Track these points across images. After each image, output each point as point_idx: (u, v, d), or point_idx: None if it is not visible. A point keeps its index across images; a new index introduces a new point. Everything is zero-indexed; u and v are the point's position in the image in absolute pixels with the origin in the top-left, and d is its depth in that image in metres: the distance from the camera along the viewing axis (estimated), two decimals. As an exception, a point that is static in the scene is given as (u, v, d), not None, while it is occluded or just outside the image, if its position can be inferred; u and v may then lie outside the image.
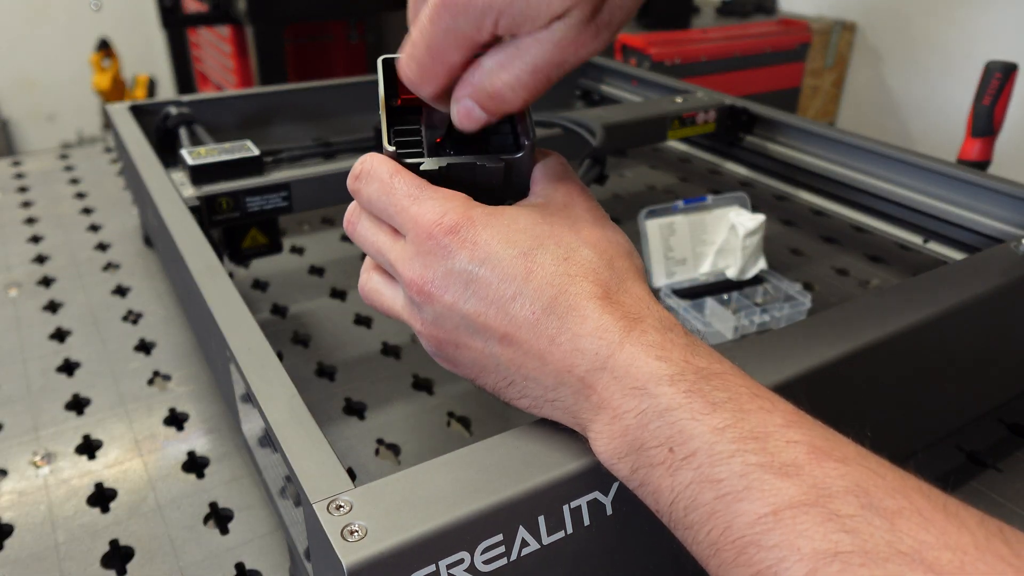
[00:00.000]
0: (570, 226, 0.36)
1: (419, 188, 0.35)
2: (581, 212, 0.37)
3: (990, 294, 0.49)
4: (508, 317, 0.33)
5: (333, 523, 0.30)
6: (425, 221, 0.34)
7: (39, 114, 3.22)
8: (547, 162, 0.39)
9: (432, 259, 0.34)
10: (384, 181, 0.36)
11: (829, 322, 0.45)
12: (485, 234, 0.34)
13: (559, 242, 0.34)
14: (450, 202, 0.35)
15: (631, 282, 0.35)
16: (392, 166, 0.36)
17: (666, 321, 0.33)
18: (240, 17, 1.97)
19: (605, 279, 0.34)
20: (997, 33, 1.88)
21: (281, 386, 0.40)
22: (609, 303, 0.33)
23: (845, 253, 0.84)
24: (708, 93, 0.94)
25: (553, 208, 0.37)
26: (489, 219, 0.34)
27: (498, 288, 0.33)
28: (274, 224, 0.70)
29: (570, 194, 0.38)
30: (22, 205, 0.96)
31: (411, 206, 0.35)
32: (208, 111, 0.88)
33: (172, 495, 0.52)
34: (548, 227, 0.35)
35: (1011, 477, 0.53)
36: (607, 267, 0.34)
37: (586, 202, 0.38)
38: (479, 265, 0.33)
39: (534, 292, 0.33)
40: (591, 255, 0.34)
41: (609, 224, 0.38)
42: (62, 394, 0.62)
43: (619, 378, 0.31)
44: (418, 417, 0.59)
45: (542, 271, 0.33)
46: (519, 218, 0.35)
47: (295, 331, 0.70)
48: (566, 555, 0.35)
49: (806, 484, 0.27)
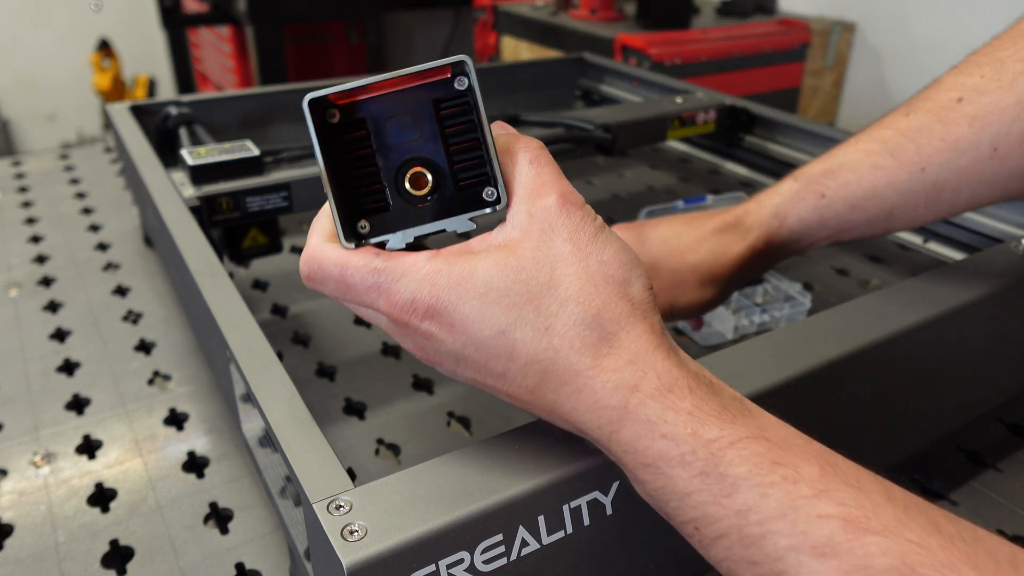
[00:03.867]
0: (549, 276, 0.31)
1: (376, 275, 0.32)
2: (562, 245, 0.32)
3: (990, 294, 0.49)
4: (506, 385, 0.32)
5: (333, 523, 0.30)
6: (397, 311, 0.32)
7: (39, 114, 3.22)
8: (520, 168, 0.33)
9: (418, 339, 0.33)
10: (338, 280, 0.33)
11: (829, 322, 0.45)
12: (459, 313, 0.31)
13: (538, 308, 0.31)
14: (413, 282, 0.31)
15: (625, 330, 0.31)
16: (338, 261, 0.33)
17: (666, 377, 0.30)
18: (240, 17, 1.98)
19: (593, 342, 0.31)
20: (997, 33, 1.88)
21: (281, 386, 0.40)
22: (600, 371, 0.30)
23: (845, 253, 0.84)
24: (708, 93, 0.94)
25: (528, 247, 0.32)
26: (459, 292, 0.31)
27: (487, 365, 0.32)
28: (274, 224, 0.70)
29: (548, 217, 0.32)
30: (22, 205, 0.96)
31: (377, 299, 0.32)
32: (208, 111, 0.88)
33: (172, 495, 0.52)
34: (524, 287, 0.31)
35: (1011, 477, 0.53)
36: (593, 324, 0.31)
37: (567, 223, 0.32)
38: (463, 347, 0.32)
39: (522, 370, 0.31)
40: (574, 315, 0.31)
41: (597, 244, 0.32)
42: (62, 394, 0.62)
43: (628, 452, 0.30)
44: (418, 417, 0.59)
45: (524, 349, 0.31)
46: (492, 282, 0.31)
47: (295, 331, 0.70)
48: (566, 555, 0.35)
49: (846, 565, 0.26)
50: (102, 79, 2.81)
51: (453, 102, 0.33)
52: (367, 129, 0.33)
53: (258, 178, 0.68)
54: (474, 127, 0.33)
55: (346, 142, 0.33)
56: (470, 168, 0.33)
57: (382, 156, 0.33)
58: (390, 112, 0.33)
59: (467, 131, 0.33)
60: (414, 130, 0.33)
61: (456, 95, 0.33)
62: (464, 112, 0.33)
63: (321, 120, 0.32)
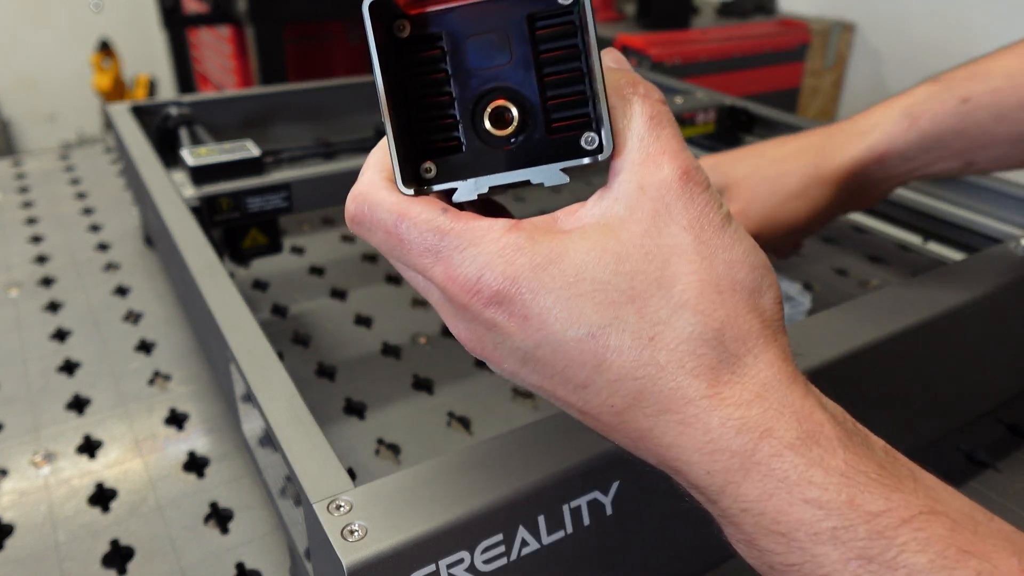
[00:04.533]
0: (660, 272, 0.25)
1: (438, 236, 0.26)
2: (680, 234, 0.25)
3: (989, 294, 0.49)
4: (584, 401, 0.26)
5: (333, 523, 0.30)
6: (456, 287, 0.25)
7: (39, 114, 3.22)
8: (634, 123, 0.26)
9: (476, 327, 0.26)
10: (390, 232, 0.27)
11: (829, 322, 0.45)
12: (538, 304, 0.25)
13: (642, 311, 0.24)
14: (483, 255, 0.25)
15: (754, 354, 0.25)
16: (394, 208, 0.27)
17: (808, 422, 0.24)
18: (240, 17, 1.98)
19: (711, 363, 0.24)
20: (997, 33, 1.88)
21: (281, 386, 0.40)
22: (719, 403, 0.24)
23: (845, 253, 0.84)
24: (708, 93, 0.94)
25: (636, 231, 0.25)
26: (541, 278, 0.25)
27: (564, 372, 0.25)
28: (274, 224, 0.70)
29: (664, 195, 0.25)
30: (22, 205, 0.96)
31: (433, 266, 0.26)
32: (208, 111, 0.88)
33: (172, 495, 0.52)
34: (627, 282, 0.24)
35: (1011, 477, 0.53)
36: (714, 342, 0.24)
37: (690, 208, 0.25)
38: (535, 347, 0.25)
39: (611, 385, 0.25)
40: (690, 326, 0.24)
41: (725, 239, 0.25)
42: (62, 394, 0.62)
43: (750, 512, 0.24)
44: (418, 417, 0.59)
45: (619, 359, 0.24)
46: (585, 270, 0.25)
47: (295, 331, 0.70)
48: (566, 555, 0.35)
49: None
50: (102, 79, 2.81)
51: (554, 20, 0.26)
52: (442, 47, 0.27)
53: (258, 178, 0.68)
54: (578, 54, 0.26)
55: (415, 62, 0.27)
56: (568, 106, 0.27)
57: (458, 84, 0.27)
58: (472, 28, 0.26)
59: (568, 58, 0.26)
60: (501, 53, 0.27)
61: (559, 11, 0.26)
62: (567, 34, 0.26)
63: (385, 32, 0.26)
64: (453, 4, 0.26)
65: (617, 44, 1.80)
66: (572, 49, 0.26)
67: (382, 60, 0.26)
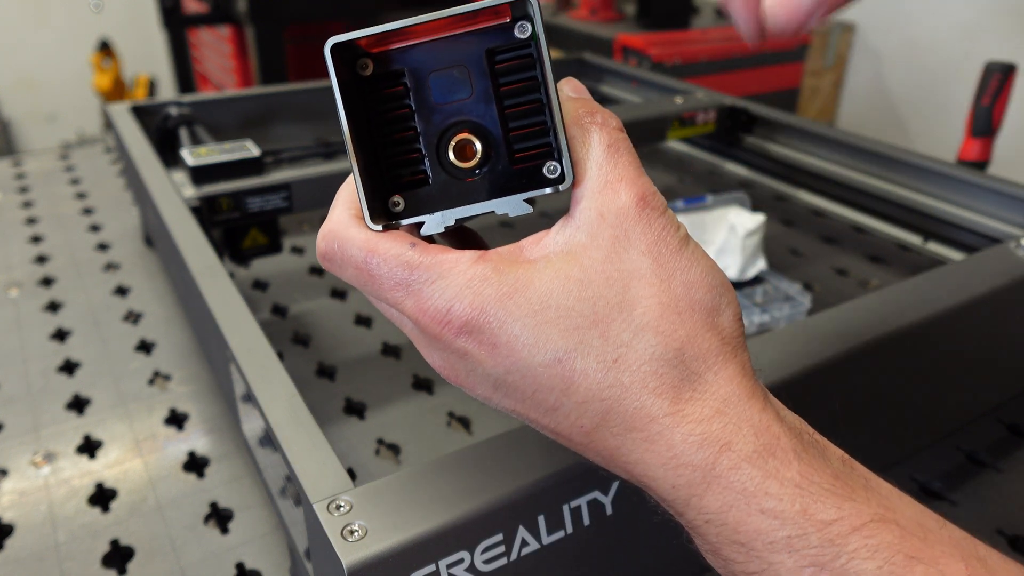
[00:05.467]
0: (621, 296, 0.26)
1: (408, 270, 0.26)
2: (639, 258, 0.26)
3: (989, 294, 0.49)
4: (555, 422, 0.27)
5: (333, 523, 0.30)
6: (427, 318, 0.26)
7: (39, 114, 3.22)
8: (593, 151, 0.27)
9: (449, 356, 0.27)
10: (361, 268, 0.27)
11: (829, 322, 0.45)
12: (506, 333, 0.25)
13: (605, 334, 0.25)
14: (452, 287, 0.26)
15: (713, 371, 0.26)
16: (364, 244, 0.27)
17: (765, 435, 0.25)
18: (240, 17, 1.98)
19: (672, 382, 0.25)
20: (997, 33, 1.88)
21: (281, 386, 0.40)
22: (680, 419, 0.25)
23: (845, 253, 0.84)
24: (708, 93, 0.94)
25: (597, 257, 0.26)
26: (508, 307, 0.25)
27: (535, 396, 0.26)
28: (274, 224, 0.70)
29: (623, 221, 0.26)
30: (23, 205, 0.96)
31: (404, 299, 0.27)
32: (208, 111, 0.88)
33: (172, 495, 0.52)
34: (590, 307, 0.25)
35: (1011, 477, 0.53)
36: (675, 361, 0.25)
37: (647, 232, 0.26)
38: (506, 373, 0.26)
39: (578, 407, 0.26)
40: (651, 347, 0.25)
41: (682, 261, 0.26)
42: (62, 394, 0.62)
43: (713, 524, 0.25)
44: (418, 417, 0.59)
45: (585, 383, 0.25)
46: (550, 298, 0.26)
47: (295, 331, 0.70)
48: (566, 555, 0.35)
49: None
50: (102, 79, 2.81)
51: (512, 54, 0.27)
52: (405, 84, 0.27)
53: (258, 178, 0.68)
54: (537, 86, 0.27)
55: (379, 99, 0.27)
56: (529, 137, 0.27)
57: (422, 119, 0.27)
58: (434, 64, 0.27)
59: (528, 90, 0.27)
60: (462, 87, 0.27)
61: (517, 45, 0.26)
62: (525, 67, 0.27)
63: (348, 71, 0.27)
64: (414, 41, 0.27)
65: (617, 44, 1.80)
66: (531, 81, 0.27)
67: (345, 99, 0.26)
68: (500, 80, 0.27)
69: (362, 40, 0.26)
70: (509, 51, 0.27)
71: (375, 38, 0.26)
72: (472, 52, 0.27)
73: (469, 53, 0.27)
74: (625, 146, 0.27)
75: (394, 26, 0.26)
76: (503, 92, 0.27)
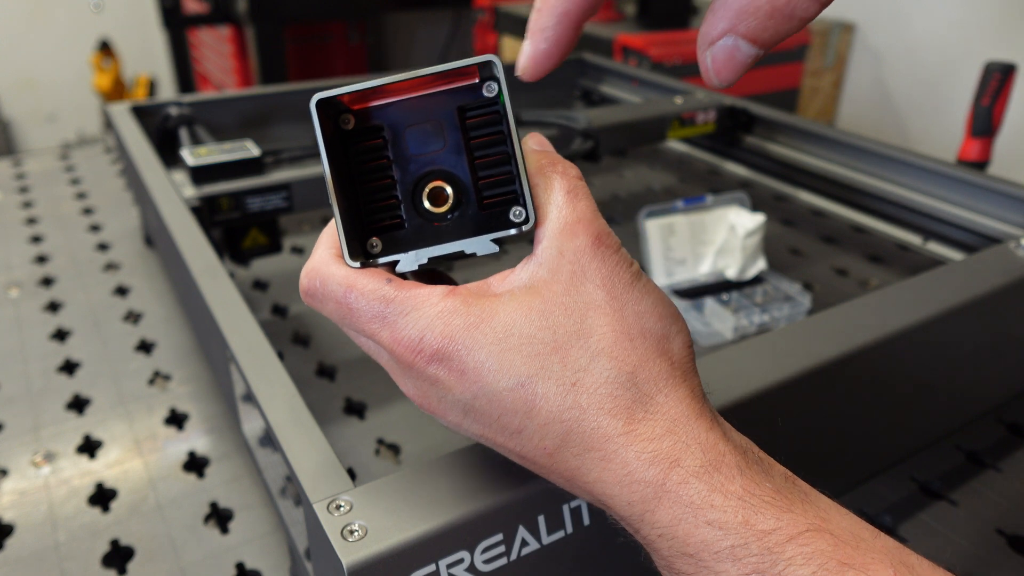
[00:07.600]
0: (579, 325, 0.28)
1: (384, 304, 0.29)
2: (595, 291, 0.29)
3: (988, 294, 0.49)
4: (519, 445, 0.29)
5: (333, 523, 0.30)
6: (401, 348, 0.29)
7: (39, 114, 3.22)
8: (554, 197, 0.30)
9: (421, 383, 0.29)
10: (340, 303, 0.30)
11: (829, 322, 0.45)
12: (473, 359, 0.28)
13: (564, 360, 0.28)
14: (424, 319, 0.28)
15: (664, 393, 0.28)
16: (343, 281, 0.30)
17: (711, 452, 0.27)
18: (240, 17, 1.98)
19: (626, 403, 0.27)
20: (997, 33, 1.88)
21: (281, 386, 0.40)
22: (633, 439, 0.27)
23: (845, 253, 0.84)
24: (708, 93, 0.94)
25: (557, 290, 0.28)
26: (475, 336, 0.28)
27: (500, 420, 0.28)
28: (274, 224, 0.70)
29: (580, 259, 0.29)
30: (23, 205, 0.96)
31: (380, 330, 0.29)
32: (208, 111, 0.88)
33: (172, 495, 0.52)
34: (550, 335, 0.28)
35: (1011, 477, 0.53)
36: (628, 384, 0.27)
37: (601, 268, 0.29)
38: (473, 398, 0.28)
39: (540, 430, 0.28)
40: (606, 371, 0.27)
41: (634, 293, 0.29)
42: (63, 394, 0.62)
43: (664, 537, 0.26)
44: (418, 417, 0.59)
45: (546, 405, 0.27)
46: (513, 327, 0.28)
47: (295, 331, 0.70)
48: (566, 555, 0.35)
49: None
50: (102, 79, 2.81)
51: (480, 111, 0.30)
52: (384, 137, 0.30)
53: (258, 178, 0.68)
54: (503, 139, 0.30)
55: (359, 151, 0.30)
56: (497, 184, 0.30)
57: (399, 168, 0.30)
58: (410, 119, 0.30)
59: (495, 143, 0.30)
60: (436, 140, 0.30)
61: (485, 102, 0.30)
62: (492, 122, 0.30)
63: (331, 125, 0.29)
64: (392, 99, 0.30)
65: (617, 44, 1.80)
66: (498, 135, 0.30)
67: (329, 150, 0.29)
68: (470, 134, 0.30)
69: (344, 97, 0.29)
70: (478, 108, 0.30)
71: (357, 95, 0.29)
72: (445, 108, 0.30)
73: (442, 109, 0.30)
74: (583, 192, 0.30)
75: (373, 84, 0.29)
76: (473, 144, 0.30)
